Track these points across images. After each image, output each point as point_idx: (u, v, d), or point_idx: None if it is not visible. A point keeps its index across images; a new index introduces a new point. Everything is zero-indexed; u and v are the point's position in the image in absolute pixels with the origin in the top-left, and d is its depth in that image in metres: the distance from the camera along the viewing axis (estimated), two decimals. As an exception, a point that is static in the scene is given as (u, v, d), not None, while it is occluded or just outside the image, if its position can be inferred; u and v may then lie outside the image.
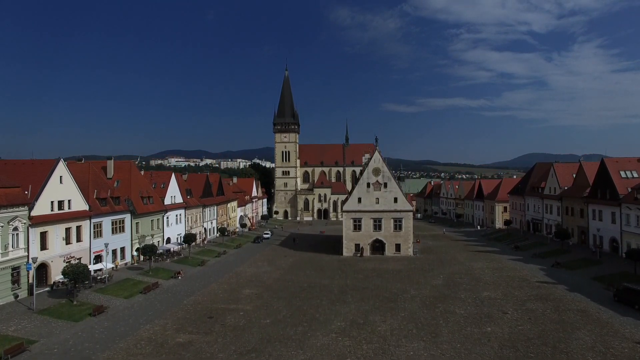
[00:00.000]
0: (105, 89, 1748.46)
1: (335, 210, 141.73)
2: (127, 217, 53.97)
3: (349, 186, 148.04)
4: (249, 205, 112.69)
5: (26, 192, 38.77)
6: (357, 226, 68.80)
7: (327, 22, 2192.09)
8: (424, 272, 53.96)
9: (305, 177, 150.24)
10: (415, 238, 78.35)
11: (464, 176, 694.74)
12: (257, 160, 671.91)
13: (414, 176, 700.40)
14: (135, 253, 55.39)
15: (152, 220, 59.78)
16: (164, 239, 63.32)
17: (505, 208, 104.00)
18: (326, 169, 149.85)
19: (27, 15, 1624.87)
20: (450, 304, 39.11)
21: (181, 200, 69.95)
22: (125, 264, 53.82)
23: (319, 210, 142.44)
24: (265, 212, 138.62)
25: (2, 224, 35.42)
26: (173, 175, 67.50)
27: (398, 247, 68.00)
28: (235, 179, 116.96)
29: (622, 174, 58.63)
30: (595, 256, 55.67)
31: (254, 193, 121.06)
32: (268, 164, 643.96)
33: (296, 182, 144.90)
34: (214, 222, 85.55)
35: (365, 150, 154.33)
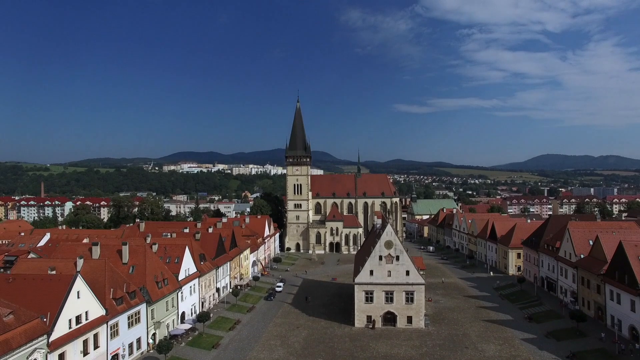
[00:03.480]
0: (118, 92, 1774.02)
1: (347, 243, 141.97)
2: (143, 307, 54.84)
3: (360, 219, 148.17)
4: (261, 248, 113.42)
5: (45, 320, 39.68)
6: (369, 298, 68.87)
7: (338, 24, 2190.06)
8: (436, 365, 53.84)
9: (317, 209, 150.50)
10: (427, 297, 77.73)
11: (476, 181, 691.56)
12: (268, 166, 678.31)
13: (426, 181, 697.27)
14: (151, 340, 56.29)
15: (167, 302, 60.64)
16: (178, 316, 64.18)
17: (518, 255, 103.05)
18: (338, 201, 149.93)
19: (43, 19, 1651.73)
20: None
21: (195, 270, 70.78)
22: (141, 353, 54.74)
23: (331, 244, 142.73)
24: (278, 250, 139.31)
25: (22, 362, 36.36)
26: (187, 248, 68.20)
27: (410, 320, 67.94)
28: (247, 219, 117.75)
29: (641, 260, 57.47)
30: (613, 348, 54.73)
31: (267, 232, 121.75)
32: (279, 170, 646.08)
33: (308, 214, 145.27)
34: (227, 277, 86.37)
35: (377, 181, 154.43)
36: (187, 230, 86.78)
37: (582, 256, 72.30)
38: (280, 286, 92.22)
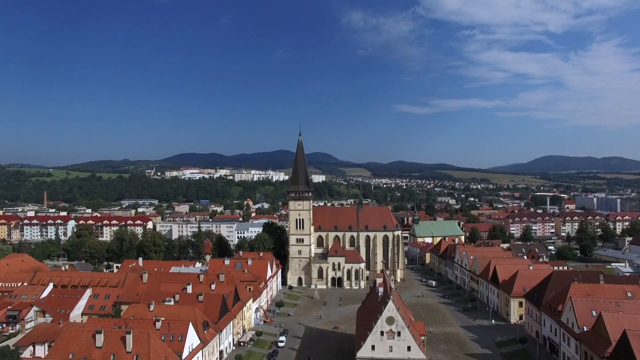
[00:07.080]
0: (120, 94, 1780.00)
1: (349, 278, 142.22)
2: (146, 402, 55.13)
3: (362, 252, 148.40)
4: (264, 292, 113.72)
5: None
6: (371, 373, 69.11)
7: (340, 26, 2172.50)
8: None
9: (319, 242, 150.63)
10: (428, 356, 77.61)
11: (479, 186, 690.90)
12: (270, 172, 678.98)
13: (428, 186, 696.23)
14: None
15: (170, 386, 60.94)
16: (181, 396, 64.47)
17: (520, 303, 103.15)
18: (340, 234, 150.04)
19: (45, 21, 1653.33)
20: None
21: (199, 342, 70.99)
22: None
23: (333, 279, 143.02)
24: (280, 286, 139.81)
25: None
26: (190, 324, 68.40)
27: (412, 395, 68.15)
28: (250, 262, 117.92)
29: (644, 352, 57.26)
30: None
31: (269, 273, 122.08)
32: (281, 176, 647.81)
33: (310, 249, 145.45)
34: (230, 336, 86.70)
35: (379, 214, 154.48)
36: (190, 289, 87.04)
37: (585, 328, 72.21)
38: (282, 340, 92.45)
